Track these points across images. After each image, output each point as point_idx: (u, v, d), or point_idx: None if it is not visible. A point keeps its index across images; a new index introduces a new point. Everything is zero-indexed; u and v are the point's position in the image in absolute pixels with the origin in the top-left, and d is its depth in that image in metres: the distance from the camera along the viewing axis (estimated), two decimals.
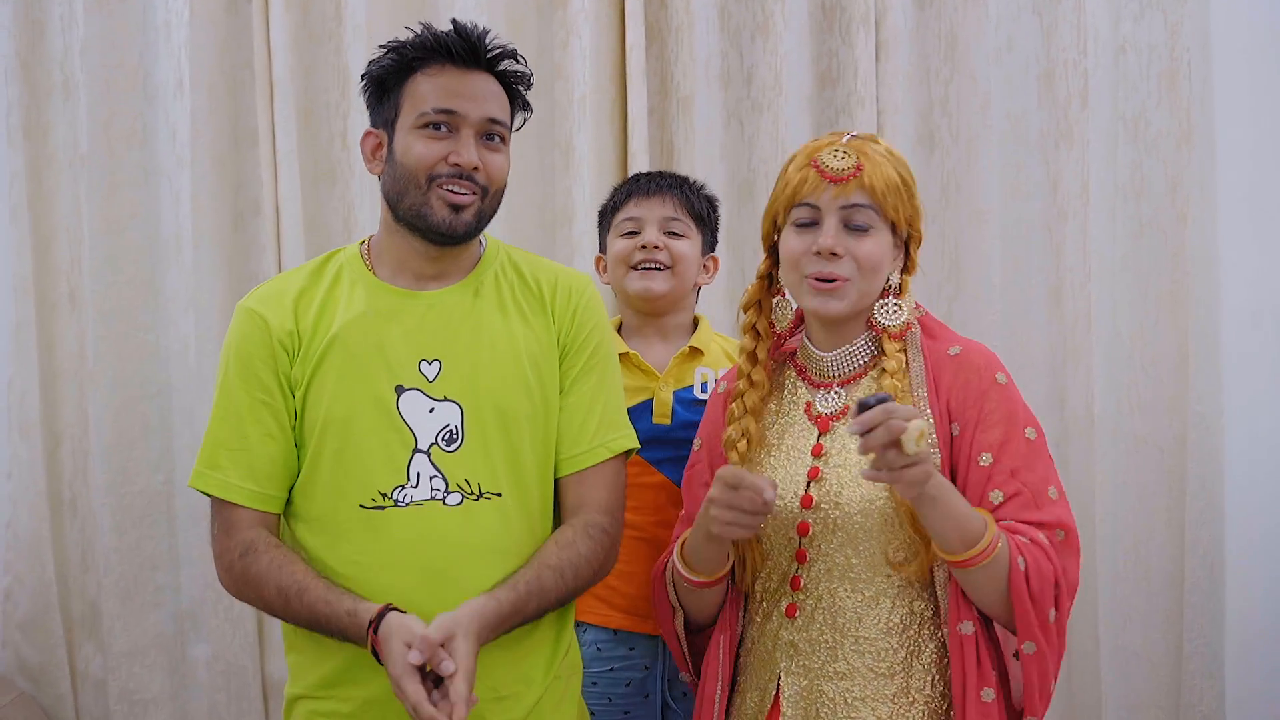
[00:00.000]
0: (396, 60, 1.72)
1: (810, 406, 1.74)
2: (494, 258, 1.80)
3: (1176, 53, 2.75)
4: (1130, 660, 2.79)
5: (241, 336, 1.73)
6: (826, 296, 1.66)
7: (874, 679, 1.64)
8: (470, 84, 1.70)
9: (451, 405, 1.69)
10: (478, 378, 1.70)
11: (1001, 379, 1.66)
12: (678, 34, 2.79)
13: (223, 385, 1.73)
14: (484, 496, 1.69)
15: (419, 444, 1.68)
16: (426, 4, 2.81)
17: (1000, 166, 2.81)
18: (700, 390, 2.16)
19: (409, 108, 1.70)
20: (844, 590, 1.66)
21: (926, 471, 1.50)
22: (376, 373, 1.69)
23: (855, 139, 1.70)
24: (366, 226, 2.77)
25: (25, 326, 2.75)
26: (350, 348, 1.70)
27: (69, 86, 2.78)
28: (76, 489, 2.82)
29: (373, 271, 1.76)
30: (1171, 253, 2.77)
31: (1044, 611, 1.58)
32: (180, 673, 2.81)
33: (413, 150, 1.69)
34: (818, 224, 1.67)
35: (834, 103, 2.84)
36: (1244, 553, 2.77)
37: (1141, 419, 2.78)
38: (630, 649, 2.15)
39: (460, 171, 1.68)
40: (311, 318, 1.72)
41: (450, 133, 1.69)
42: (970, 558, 1.56)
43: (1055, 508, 1.62)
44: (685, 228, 2.20)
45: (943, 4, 2.83)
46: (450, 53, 1.69)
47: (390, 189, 1.72)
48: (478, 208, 1.71)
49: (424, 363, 1.70)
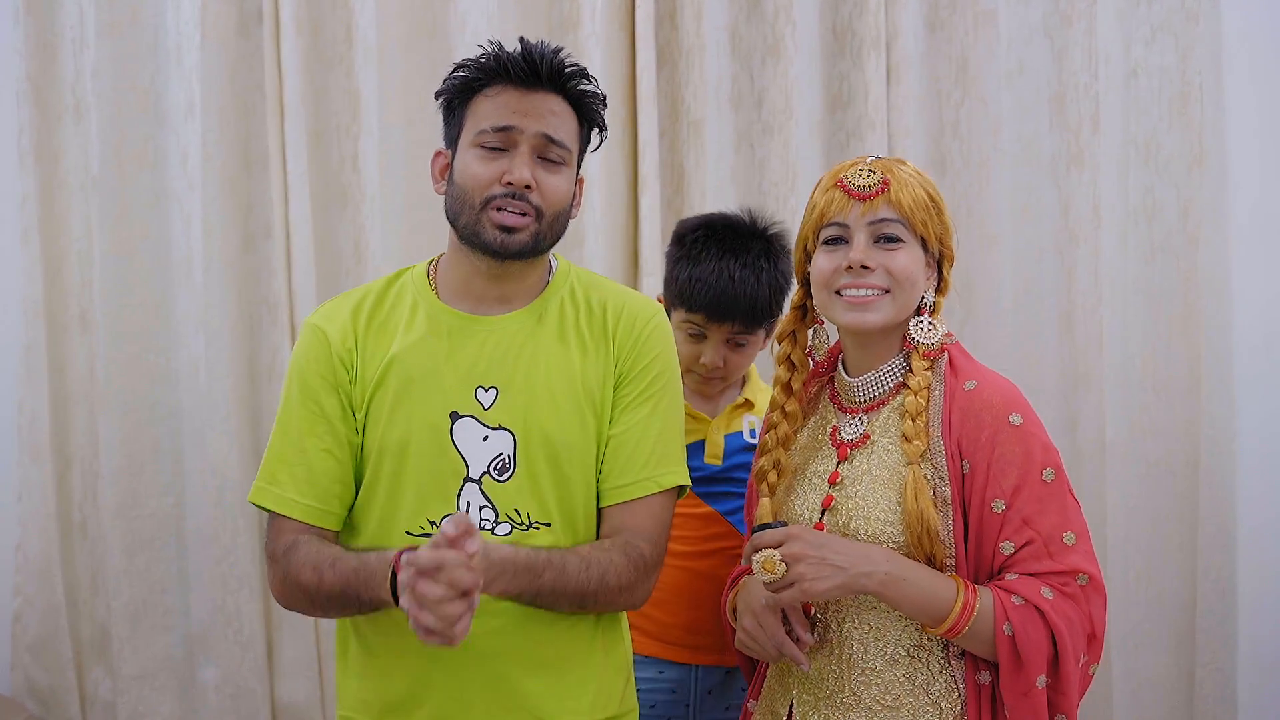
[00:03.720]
0: (462, 80, 1.69)
1: (836, 432, 1.73)
2: (562, 282, 1.76)
3: (1188, 76, 2.75)
4: (1142, 685, 2.78)
5: (304, 353, 1.71)
6: (860, 310, 1.65)
7: (881, 710, 1.63)
8: (530, 102, 1.66)
9: (505, 434, 1.66)
10: (533, 407, 1.67)
11: (1016, 419, 1.61)
12: (688, 57, 2.80)
13: (285, 401, 1.71)
14: (533, 527, 1.66)
15: (470, 473, 1.66)
16: (439, 27, 2.81)
17: (1011, 190, 2.81)
18: (749, 435, 2.16)
19: (469, 126, 1.68)
20: (852, 620, 1.66)
21: (803, 590, 1.58)
22: (432, 398, 1.66)
23: (880, 160, 1.70)
24: (377, 249, 2.77)
25: (36, 348, 2.76)
26: (408, 371, 1.67)
27: (80, 109, 2.80)
28: (86, 511, 2.82)
29: (436, 293, 1.74)
30: (1183, 276, 2.76)
31: (1029, 678, 1.56)
32: (189, 696, 2.81)
33: (468, 169, 1.66)
34: (846, 241, 1.66)
35: (845, 126, 2.83)
36: (1256, 577, 2.76)
37: (1153, 443, 2.78)
38: (659, 672, 2.15)
39: (513, 191, 1.64)
40: (372, 338, 1.70)
41: (506, 151, 1.65)
42: (943, 632, 1.58)
43: (1070, 555, 1.59)
44: (751, 338, 2.14)
45: (954, 27, 2.83)
46: (509, 72, 1.65)
47: (449, 208, 1.70)
48: (534, 229, 1.66)
49: (480, 390, 1.68)
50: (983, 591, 1.58)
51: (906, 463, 1.62)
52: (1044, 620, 1.56)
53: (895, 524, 1.62)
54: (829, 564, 1.57)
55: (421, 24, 2.81)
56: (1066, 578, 1.58)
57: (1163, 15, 2.76)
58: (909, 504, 1.59)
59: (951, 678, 1.63)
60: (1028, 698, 1.57)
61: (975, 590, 1.58)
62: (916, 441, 1.62)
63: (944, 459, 1.62)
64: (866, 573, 1.57)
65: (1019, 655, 1.55)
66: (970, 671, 1.62)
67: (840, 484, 1.68)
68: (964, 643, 1.60)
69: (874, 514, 1.63)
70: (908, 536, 1.60)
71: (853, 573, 1.57)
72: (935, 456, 1.62)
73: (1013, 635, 1.55)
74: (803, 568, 1.56)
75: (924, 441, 1.62)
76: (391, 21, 2.77)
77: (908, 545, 1.61)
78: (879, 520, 1.62)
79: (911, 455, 1.61)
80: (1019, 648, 1.55)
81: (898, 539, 1.61)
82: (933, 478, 1.61)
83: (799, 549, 1.57)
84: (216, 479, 2.76)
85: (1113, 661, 2.76)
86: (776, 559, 1.57)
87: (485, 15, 2.77)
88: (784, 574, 1.57)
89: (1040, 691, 1.57)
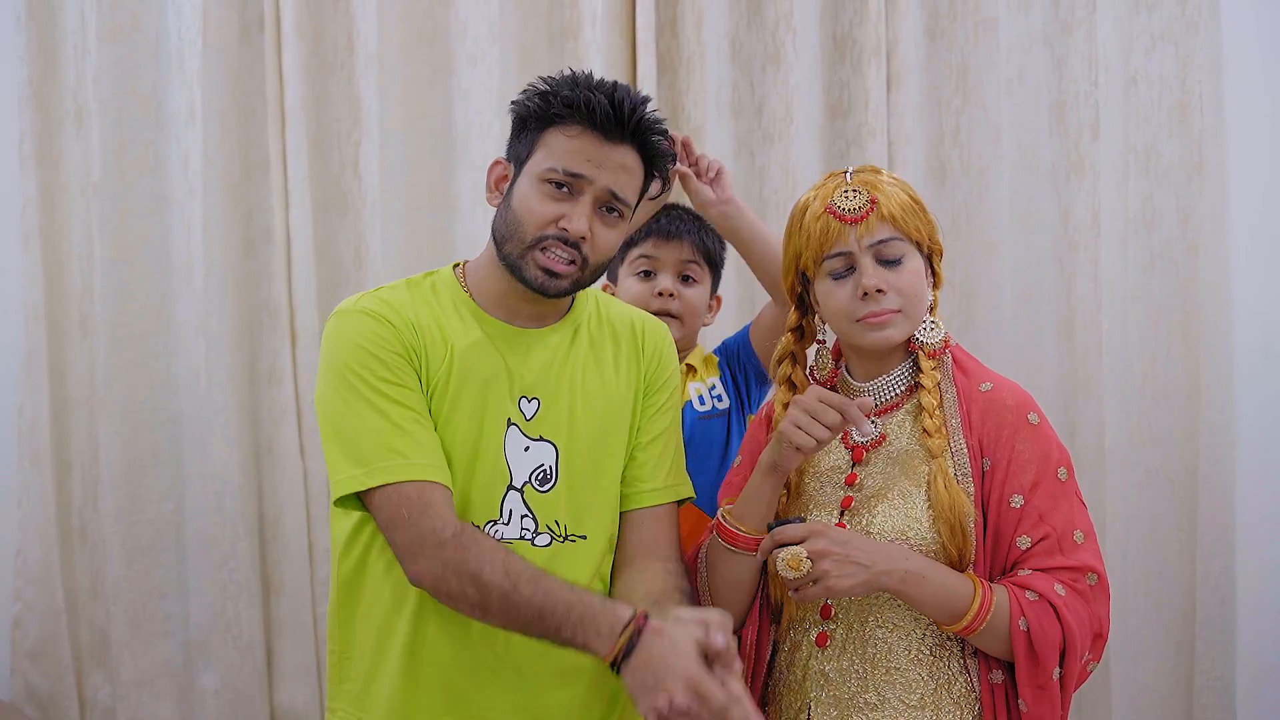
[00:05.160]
0: (541, 106, 1.65)
1: (847, 436, 1.74)
2: (586, 302, 1.78)
3: (1188, 85, 2.75)
4: (1141, 693, 2.78)
5: (370, 336, 1.62)
6: (880, 329, 1.67)
7: (905, 710, 1.64)
8: (606, 153, 1.63)
9: (547, 445, 1.67)
10: (574, 420, 1.69)
11: (1034, 418, 1.66)
12: (689, 64, 2.80)
13: (350, 389, 1.60)
14: (569, 539, 1.67)
15: (514, 481, 1.66)
16: (439, 33, 2.82)
17: (1011, 198, 2.81)
18: (698, 403, 2.19)
19: (540, 156, 1.65)
20: (874, 620, 1.66)
21: (827, 588, 1.56)
22: (491, 403, 1.66)
23: (859, 174, 1.71)
24: (377, 255, 2.77)
25: (36, 353, 2.76)
26: (470, 371, 1.65)
27: (82, 115, 2.80)
28: (86, 517, 2.82)
29: (472, 298, 1.72)
30: (1183, 284, 2.77)
31: (1045, 671, 1.59)
32: (188, 702, 2.80)
33: (528, 203, 1.64)
34: (853, 269, 1.68)
35: (845, 134, 2.84)
36: (1255, 584, 2.76)
37: (1153, 450, 2.78)
38: None
39: (567, 237, 1.63)
40: (431, 330, 1.66)
41: (570, 195, 1.64)
42: (960, 629, 1.60)
43: (1081, 552, 1.62)
44: (699, 272, 2.21)
45: (954, 35, 2.83)
46: (594, 118, 1.62)
47: (498, 228, 1.69)
48: (576, 278, 1.66)
49: (524, 400, 1.68)
50: (998, 589, 1.60)
51: (931, 457, 1.65)
52: (1057, 616, 1.58)
53: (923, 520, 1.64)
54: (852, 561, 1.57)
55: (422, 30, 2.81)
56: (1077, 574, 1.61)
57: (1163, 24, 2.77)
58: (940, 495, 1.61)
59: (970, 678, 1.65)
60: (1045, 691, 1.59)
61: (991, 588, 1.60)
62: (938, 437, 1.65)
63: (965, 456, 1.65)
64: (888, 570, 1.58)
65: (1034, 650, 1.58)
66: (984, 671, 1.64)
67: (858, 485, 1.70)
68: (978, 640, 1.61)
69: (899, 512, 1.64)
70: (941, 530, 1.62)
71: (875, 570, 1.57)
72: (957, 455, 1.65)
73: (1028, 631, 1.58)
74: (827, 565, 1.56)
75: (944, 437, 1.66)
76: (392, 27, 2.78)
77: (938, 541, 1.63)
78: (906, 517, 1.64)
79: (935, 450, 1.64)
80: (1034, 643, 1.58)
81: (924, 535, 1.63)
82: (955, 474, 1.64)
83: (823, 546, 1.57)
84: (216, 484, 2.76)
85: (1112, 668, 2.76)
86: (803, 555, 1.57)
87: (486, 22, 2.78)
88: (809, 571, 1.57)
89: (1055, 684, 1.60)
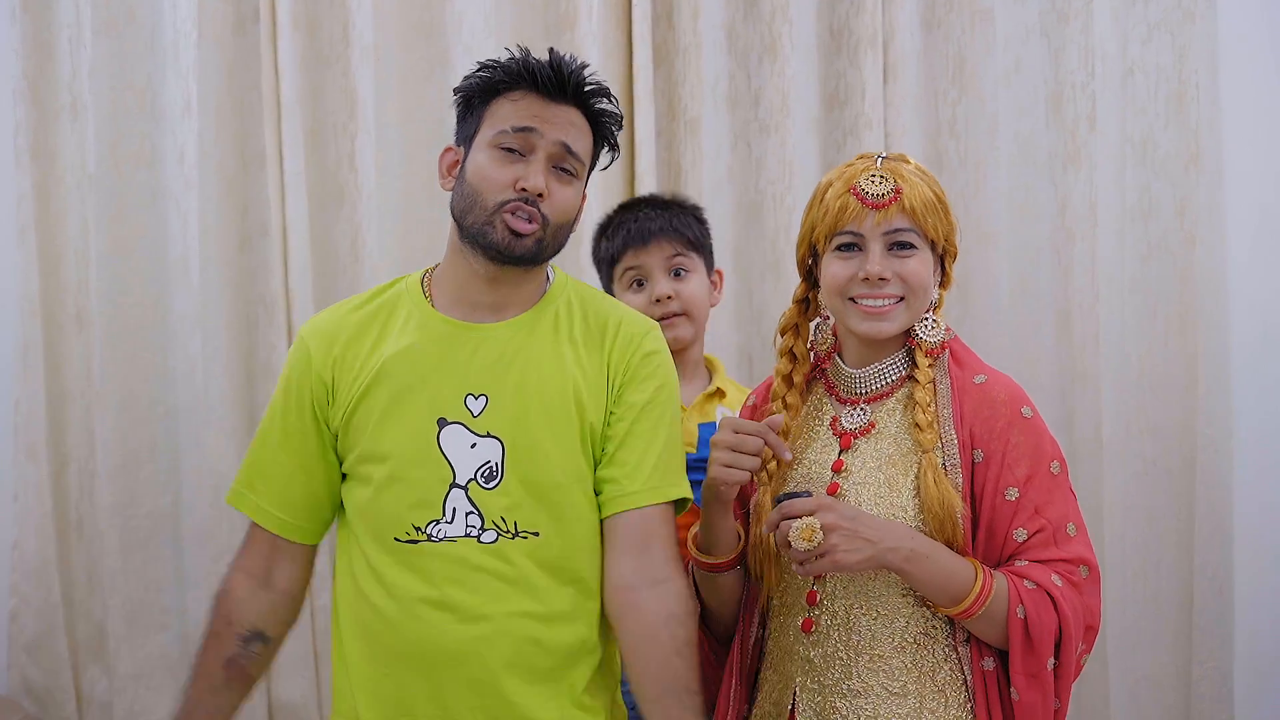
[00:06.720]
0: (485, 80, 1.71)
1: (836, 421, 1.75)
2: (559, 293, 1.78)
3: (1184, 75, 2.75)
4: (1139, 684, 2.78)
5: (290, 365, 1.78)
6: (876, 320, 1.68)
7: (888, 698, 1.64)
8: (552, 111, 1.69)
9: (493, 441, 1.67)
10: (523, 415, 1.68)
11: (1027, 412, 1.67)
12: (685, 56, 2.80)
13: (270, 409, 1.79)
14: (520, 535, 1.67)
15: (457, 478, 1.67)
16: (435, 26, 2.81)
17: (1008, 188, 2.81)
18: None
19: (487, 126, 1.69)
20: (859, 607, 1.67)
21: (834, 562, 1.57)
22: (420, 406, 1.68)
23: (888, 161, 1.72)
24: (374, 248, 2.77)
25: (32, 347, 2.75)
26: (395, 380, 1.69)
27: (77, 108, 2.79)
28: (83, 510, 2.81)
29: (431, 301, 1.75)
30: (1180, 275, 2.76)
31: (1040, 660, 1.60)
32: None
33: (482, 170, 1.68)
34: (860, 249, 1.68)
35: (841, 125, 2.84)
36: (1253, 575, 2.76)
37: (1150, 441, 2.78)
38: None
39: (526, 197, 1.66)
40: (357, 349, 1.73)
41: (523, 157, 1.67)
42: (958, 613, 1.60)
43: (1074, 544, 1.64)
44: (688, 262, 2.20)
45: (950, 26, 2.83)
46: (537, 80, 1.68)
47: (456, 205, 1.71)
48: (539, 237, 1.68)
49: (470, 397, 1.69)
50: (998, 576, 1.61)
51: (922, 451, 1.65)
52: (1055, 606, 1.59)
53: (909, 509, 1.64)
54: (860, 536, 1.58)
55: (419, 23, 2.81)
56: (1071, 566, 1.63)
57: (1159, 14, 2.76)
58: (929, 489, 1.62)
59: (956, 665, 1.65)
60: (1038, 679, 1.60)
61: (991, 574, 1.61)
62: (929, 432, 1.65)
63: (955, 449, 1.65)
64: (893, 547, 1.58)
65: (1030, 638, 1.59)
66: (976, 658, 1.64)
67: (845, 472, 1.70)
68: (975, 624, 1.61)
69: (886, 500, 1.65)
70: (928, 522, 1.62)
71: (881, 547, 1.58)
72: (946, 446, 1.65)
73: (1025, 618, 1.59)
74: (836, 538, 1.57)
75: (935, 432, 1.66)
76: (388, 20, 2.77)
77: (926, 531, 1.63)
78: (892, 506, 1.65)
79: (926, 444, 1.64)
80: (1030, 631, 1.59)
81: (910, 524, 1.63)
82: (943, 466, 1.64)
83: (833, 519, 1.58)
84: (213, 478, 2.75)
85: (1109, 660, 2.76)
86: (816, 526, 1.57)
87: (482, 14, 2.77)
88: (820, 543, 1.57)
89: (1049, 673, 1.61)
